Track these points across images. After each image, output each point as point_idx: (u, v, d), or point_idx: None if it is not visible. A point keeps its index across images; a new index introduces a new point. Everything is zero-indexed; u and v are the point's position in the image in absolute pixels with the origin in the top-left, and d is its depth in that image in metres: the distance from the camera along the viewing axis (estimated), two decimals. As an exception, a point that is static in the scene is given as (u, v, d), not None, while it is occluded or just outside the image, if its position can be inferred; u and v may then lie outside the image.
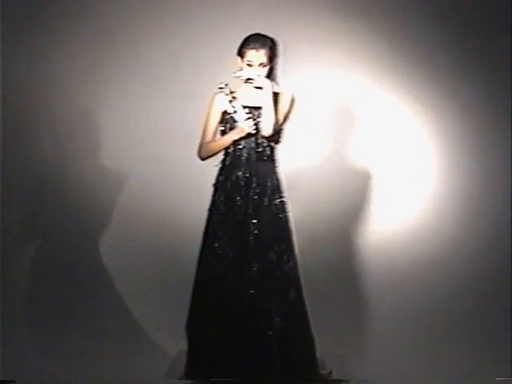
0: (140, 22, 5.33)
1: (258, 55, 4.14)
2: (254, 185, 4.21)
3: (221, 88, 4.17)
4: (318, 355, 4.29)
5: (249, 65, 4.16)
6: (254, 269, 4.14)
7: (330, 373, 4.36)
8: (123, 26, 5.32)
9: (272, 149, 4.25)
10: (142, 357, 4.89)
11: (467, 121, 5.38)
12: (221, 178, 4.25)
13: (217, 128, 4.28)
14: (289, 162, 4.39)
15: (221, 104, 4.22)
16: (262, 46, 4.13)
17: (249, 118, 4.15)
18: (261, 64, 4.14)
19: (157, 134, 5.34)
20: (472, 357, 4.95)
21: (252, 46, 4.14)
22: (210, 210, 4.25)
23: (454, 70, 5.36)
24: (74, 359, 4.87)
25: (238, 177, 4.21)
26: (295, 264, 4.23)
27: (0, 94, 5.22)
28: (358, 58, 5.34)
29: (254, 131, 4.17)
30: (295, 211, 4.33)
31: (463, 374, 4.75)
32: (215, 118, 4.26)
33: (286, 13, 5.26)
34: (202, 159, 4.30)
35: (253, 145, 4.22)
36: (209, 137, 4.28)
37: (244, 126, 4.16)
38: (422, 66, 5.36)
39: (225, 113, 4.23)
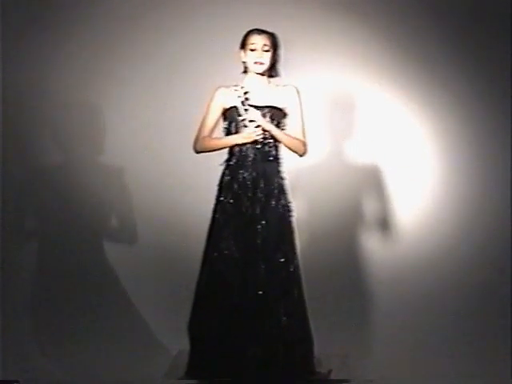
0: (141, 21, 5.31)
1: (260, 38, 4.17)
2: (261, 185, 4.19)
3: (236, 90, 4.16)
4: (317, 354, 4.29)
5: (252, 49, 4.17)
6: (261, 269, 4.13)
7: (329, 372, 4.36)
8: (124, 26, 5.31)
9: (277, 148, 4.24)
10: (142, 357, 4.89)
11: (466, 120, 5.37)
12: (226, 178, 4.23)
13: (216, 123, 4.28)
14: (291, 160, 4.38)
15: (221, 100, 4.23)
16: (264, 32, 4.19)
17: (258, 126, 4.14)
18: (264, 46, 4.16)
19: (159, 133, 5.33)
20: (472, 357, 4.95)
21: (254, 31, 4.20)
22: (215, 211, 4.23)
23: (453, 69, 5.36)
24: (75, 359, 4.87)
25: (244, 177, 4.20)
26: (298, 263, 4.23)
27: (0, 94, 5.22)
28: (358, 57, 5.32)
29: (261, 139, 4.17)
30: (297, 210, 4.33)
31: (463, 375, 4.75)
32: (215, 113, 4.26)
33: (287, 12, 5.25)
34: (197, 152, 4.30)
35: (259, 145, 4.20)
36: (206, 131, 4.27)
37: (251, 132, 4.15)
38: (421, 66, 5.35)
39: (228, 110, 4.23)
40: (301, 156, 4.28)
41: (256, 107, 4.19)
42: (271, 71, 4.24)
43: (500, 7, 5.31)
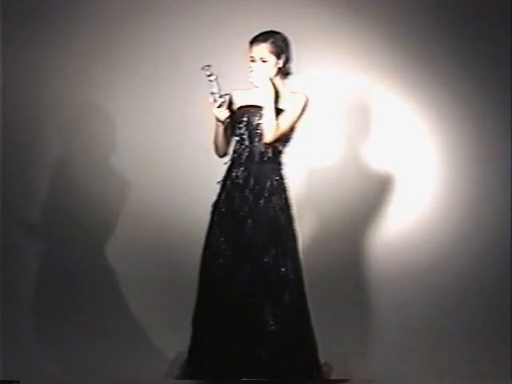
0: (141, 20, 5.31)
1: (258, 49, 4.14)
2: (250, 184, 4.20)
3: (205, 67, 4.10)
4: (319, 356, 4.29)
5: (252, 60, 4.17)
6: (246, 269, 4.13)
7: (329, 371, 4.37)
8: (126, 25, 5.31)
9: (275, 150, 4.23)
10: (142, 357, 4.88)
11: (468, 121, 5.38)
12: (224, 176, 4.26)
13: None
14: (295, 163, 4.38)
15: (236, 101, 4.24)
16: (264, 41, 4.15)
17: (220, 106, 4.12)
18: (261, 58, 4.14)
19: (160, 134, 5.32)
20: (472, 357, 4.95)
21: (254, 40, 4.17)
22: (214, 208, 4.25)
23: (455, 70, 5.36)
24: (75, 359, 4.86)
25: (237, 176, 4.22)
26: (295, 266, 4.20)
27: (1, 94, 5.21)
28: (361, 59, 5.33)
29: (223, 118, 4.13)
30: (301, 212, 4.33)
31: (463, 375, 4.75)
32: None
33: (294, 11, 5.25)
34: (220, 156, 4.30)
35: (256, 144, 4.21)
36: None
37: (215, 112, 4.13)
38: (422, 67, 5.35)
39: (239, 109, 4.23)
40: (264, 143, 4.17)
41: (257, 107, 4.19)
42: (282, 73, 4.22)
43: (500, 7, 5.32)
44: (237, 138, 4.26)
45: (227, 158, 4.29)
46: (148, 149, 5.33)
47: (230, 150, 4.29)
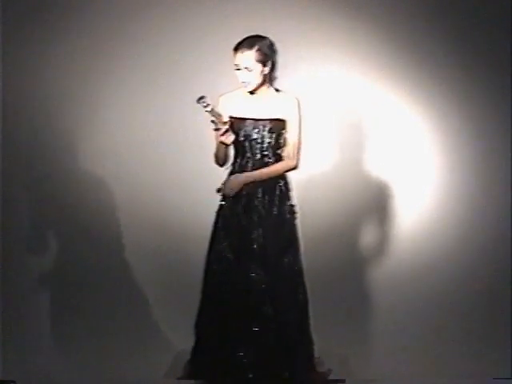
0: (141, 20, 5.30)
1: (242, 58, 4.04)
2: (258, 195, 4.17)
3: (199, 100, 4.00)
4: (317, 354, 4.29)
5: (237, 69, 4.08)
6: (258, 272, 4.13)
7: (329, 371, 4.36)
8: (124, 25, 5.30)
9: (278, 159, 4.19)
10: (142, 357, 4.88)
11: (468, 121, 5.38)
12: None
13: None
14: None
15: (225, 107, 4.18)
16: (249, 48, 4.03)
17: (227, 131, 4.07)
18: (246, 68, 4.04)
19: (161, 136, 5.32)
20: (472, 357, 4.95)
21: (238, 48, 4.06)
22: (218, 214, 4.22)
23: (454, 70, 5.36)
24: (74, 359, 4.86)
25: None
26: (300, 268, 4.22)
27: (1, 94, 5.21)
28: (360, 60, 5.32)
29: (229, 142, 4.11)
30: (302, 214, 4.33)
31: (463, 374, 4.75)
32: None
33: (294, 11, 5.25)
34: (220, 166, 4.26)
35: (258, 156, 4.17)
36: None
37: (221, 139, 4.08)
38: (422, 68, 5.35)
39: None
40: (292, 170, 4.20)
41: (255, 120, 4.15)
42: (269, 79, 4.14)
43: (500, 7, 5.32)
44: (237, 149, 4.21)
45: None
46: (148, 149, 5.33)
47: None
